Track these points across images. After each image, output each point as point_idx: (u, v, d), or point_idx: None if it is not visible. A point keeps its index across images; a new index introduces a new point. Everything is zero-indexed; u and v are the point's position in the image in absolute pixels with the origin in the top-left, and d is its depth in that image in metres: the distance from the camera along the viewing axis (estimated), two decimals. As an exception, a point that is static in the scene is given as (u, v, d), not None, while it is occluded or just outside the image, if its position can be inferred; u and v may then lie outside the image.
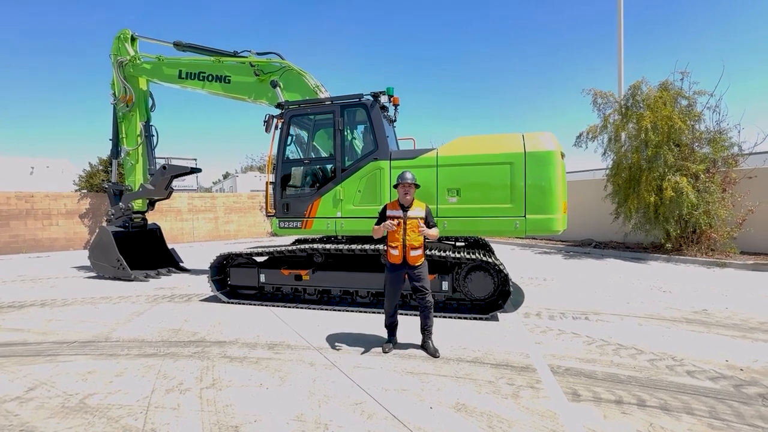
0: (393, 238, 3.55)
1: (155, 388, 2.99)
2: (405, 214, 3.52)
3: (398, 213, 3.54)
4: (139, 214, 8.18)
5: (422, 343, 3.65)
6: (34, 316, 5.09)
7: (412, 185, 3.58)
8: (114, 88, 7.92)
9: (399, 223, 3.48)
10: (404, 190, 3.56)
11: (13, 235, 11.98)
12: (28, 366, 3.46)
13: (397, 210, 3.57)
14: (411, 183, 3.56)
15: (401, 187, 3.57)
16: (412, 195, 3.58)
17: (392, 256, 3.58)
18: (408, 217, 3.51)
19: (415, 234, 3.48)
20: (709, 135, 9.00)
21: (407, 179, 3.56)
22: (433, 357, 3.46)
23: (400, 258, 3.54)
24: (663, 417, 2.49)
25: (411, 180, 3.58)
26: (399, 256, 3.54)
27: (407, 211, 3.53)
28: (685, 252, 8.75)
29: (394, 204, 3.66)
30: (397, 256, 3.55)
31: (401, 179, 3.57)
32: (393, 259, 3.58)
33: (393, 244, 3.56)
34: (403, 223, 3.49)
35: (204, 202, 15.75)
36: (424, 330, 3.64)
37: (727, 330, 4.13)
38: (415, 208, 3.58)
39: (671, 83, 9.29)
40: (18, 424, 2.54)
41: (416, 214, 3.54)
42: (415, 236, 3.49)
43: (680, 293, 5.76)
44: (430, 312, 3.60)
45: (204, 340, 4.06)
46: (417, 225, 3.46)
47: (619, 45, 11.72)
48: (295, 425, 2.46)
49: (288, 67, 6.55)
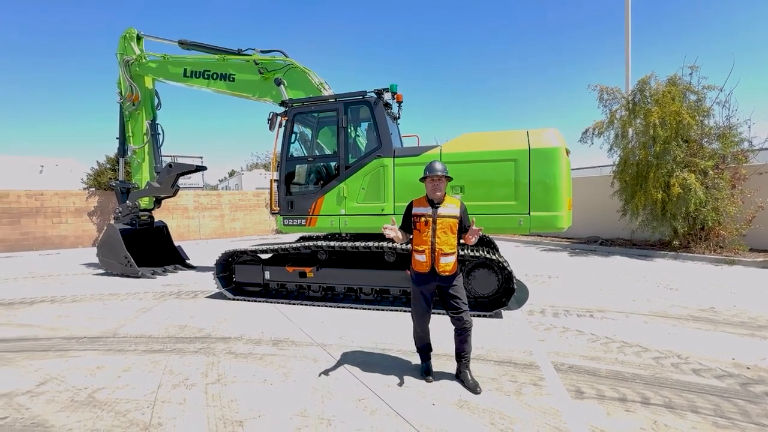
0: (419, 240, 2.93)
1: (162, 383, 3.04)
2: (435, 212, 2.90)
3: (426, 210, 2.93)
4: (146, 212, 8.28)
5: (457, 373, 3.00)
6: (45, 312, 5.18)
7: (443, 178, 2.92)
8: (120, 87, 8.01)
9: (427, 222, 2.90)
10: (433, 185, 2.92)
11: (23, 233, 12.19)
12: (38, 361, 3.53)
13: (425, 207, 2.95)
14: (442, 175, 2.91)
15: (429, 180, 2.93)
16: (443, 189, 2.94)
17: (418, 264, 2.95)
18: (438, 216, 2.89)
19: (446, 236, 2.87)
20: (719, 130, 8.85)
21: (437, 171, 2.90)
22: (473, 393, 2.78)
23: (427, 266, 2.90)
24: (667, 415, 2.47)
25: (442, 171, 2.91)
26: (426, 264, 2.90)
27: (437, 208, 2.92)
28: (693, 249, 8.64)
29: (421, 200, 3.02)
30: (423, 264, 2.91)
31: (429, 171, 2.93)
32: (419, 267, 2.94)
33: (419, 248, 2.93)
34: (432, 223, 2.88)
35: (210, 200, 15.87)
36: (460, 357, 2.98)
37: (734, 328, 4.08)
38: (448, 204, 2.94)
39: (679, 78, 9.13)
40: (29, 417, 2.59)
41: (449, 212, 2.91)
42: (446, 239, 2.87)
43: (687, 291, 5.70)
44: (469, 335, 2.92)
45: (209, 337, 4.11)
46: (450, 226, 2.89)
47: (626, 40, 11.57)
48: (299, 420, 2.49)
49: (292, 65, 6.56)
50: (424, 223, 2.91)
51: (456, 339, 2.98)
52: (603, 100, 10.21)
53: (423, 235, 2.91)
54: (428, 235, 2.89)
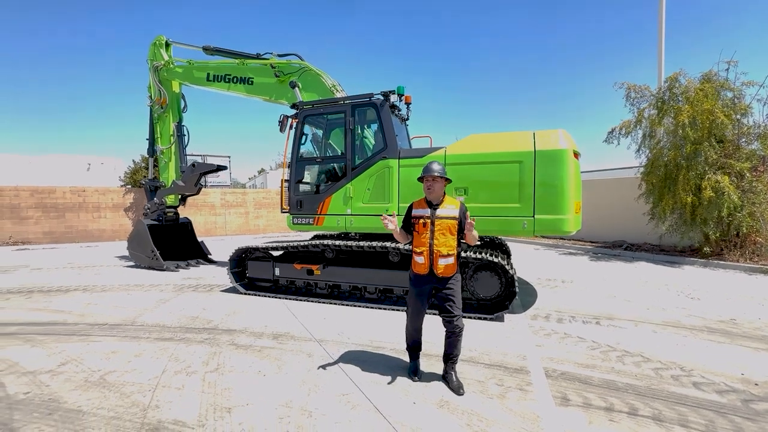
0: (418, 242, 2.95)
1: (166, 369, 3.26)
2: (433, 213, 2.91)
3: (425, 212, 2.94)
4: (172, 209, 8.77)
5: (444, 374, 3.04)
6: (77, 300, 5.65)
7: (439, 178, 2.92)
8: (150, 91, 8.53)
9: (425, 224, 2.92)
10: (428, 185, 2.93)
11: (68, 226, 13.22)
12: (63, 344, 3.88)
13: (424, 209, 2.96)
14: (437, 176, 2.90)
15: (425, 180, 2.95)
16: (438, 190, 2.94)
17: (417, 265, 2.98)
18: (437, 217, 2.89)
19: (445, 238, 2.87)
20: (758, 130, 8.25)
21: (432, 171, 2.91)
22: (456, 394, 2.83)
23: (425, 267, 2.92)
24: (652, 427, 2.39)
25: (438, 172, 2.91)
26: (425, 265, 2.92)
27: (436, 210, 2.93)
28: (726, 257, 8.11)
29: (420, 202, 3.03)
30: (422, 265, 2.93)
31: (425, 171, 2.95)
32: (417, 269, 2.97)
33: (418, 250, 2.95)
34: (431, 225, 2.90)
35: (235, 198, 16.52)
36: (448, 359, 3.01)
37: (752, 342, 3.84)
38: (447, 206, 2.94)
39: (715, 74, 8.58)
40: (47, 393, 2.88)
41: (448, 214, 2.90)
42: (445, 240, 2.87)
43: (710, 301, 5.38)
44: (459, 339, 2.94)
45: (216, 328, 4.34)
46: (449, 228, 2.89)
47: (660, 35, 10.97)
48: (282, 411, 2.61)
49: (306, 68, 6.76)
50: (422, 224, 2.92)
51: (446, 341, 3.00)
52: (630, 98, 9.77)
53: (421, 237, 2.93)
54: (426, 237, 2.90)
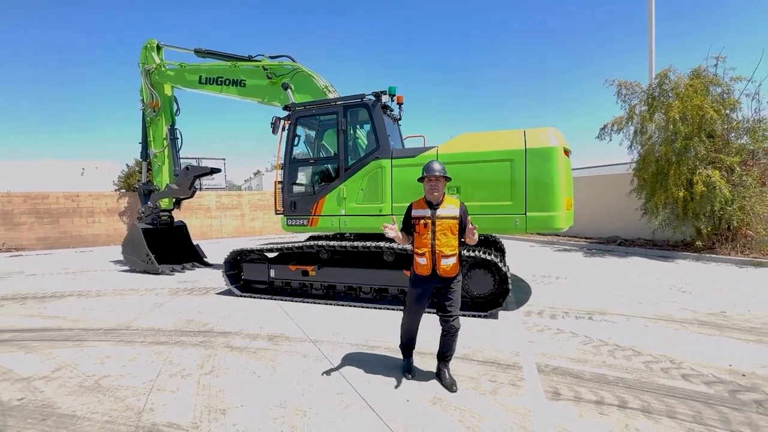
0: (419, 243, 2.91)
1: (160, 373, 3.27)
2: (434, 214, 2.87)
3: (425, 213, 2.89)
4: (166, 212, 8.75)
5: (437, 371, 3.07)
6: (71, 306, 5.63)
7: (441, 178, 2.88)
8: (142, 95, 8.50)
9: (426, 225, 2.88)
10: (431, 185, 2.89)
11: (62, 232, 13.14)
12: (57, 349, 3.87)
13: (424, 209, 2.92)
14: (440, 175, 2.87)
15: (427, 180, 2.90)
16: (441, 190, 2.90)
17: (419, 266, 2.94)
18: (437, 217, 2.85)
19: (446, 238, 2.84)
20: (747, 124, 8.35)
21: (434, 171, 2.87)
22: (449, 391, 2.86)
23: (428, 268, 2.88)
24: (641, 419, 2.44)
25: (440, 172, 2.88)
26: (427, 266, 2.88)
27: (436, 210, 2.88)
28: (718, 250, 8.21)
29: (420, 202, 2.98)
30: (424, 266, 2.89)
31: (427, 171, 2.91)
32: (420, 270, 2.93)
33: (420, 251, 2.91)
34: (432, 225, 2.86)
35: (231, 200, 16.48)
36: (442, 357, 3.04)
37: (741, 334, 3.90)
38: (447, 206, 2.90)
39: (704, 69, 8.68)
40: (41, 399, 2.88)
41: (448, 213, 2.87)
42: (446, 241, 2.84)
43: (701, 294, 5.45)
44: (454, 339, 2.97)
45: (212, 331, 4.35)
46: (450, 228, 2.85)
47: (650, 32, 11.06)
48: (277, 411, 2.63)
49: (298, 69, 6.76)
50: (423, 225, 2.89)
51: (441, 340, 3.02)
52: (621, 95, 9.86)
53: (423, 238, 2.89)
54: (428, 238, 2.87)
